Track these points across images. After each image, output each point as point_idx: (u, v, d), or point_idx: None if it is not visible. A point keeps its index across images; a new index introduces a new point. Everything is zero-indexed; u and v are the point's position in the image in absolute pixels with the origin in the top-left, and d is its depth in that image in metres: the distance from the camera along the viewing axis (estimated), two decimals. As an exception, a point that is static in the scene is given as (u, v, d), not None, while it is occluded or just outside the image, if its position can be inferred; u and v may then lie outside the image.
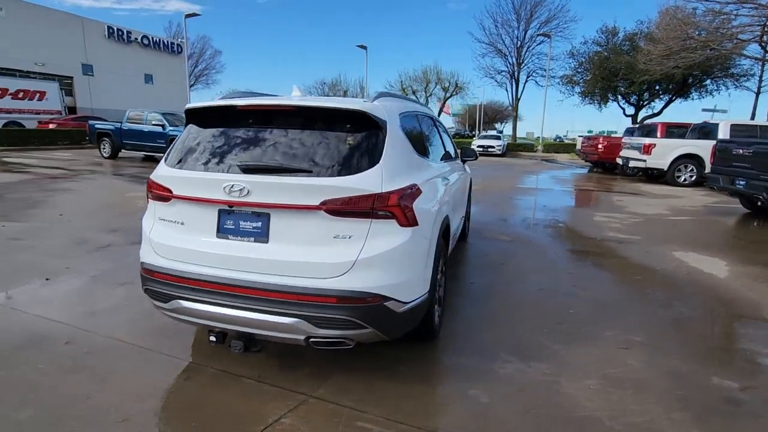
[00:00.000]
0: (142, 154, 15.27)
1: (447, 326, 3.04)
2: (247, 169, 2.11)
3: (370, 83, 51.42)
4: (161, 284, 2.23)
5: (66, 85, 29.55)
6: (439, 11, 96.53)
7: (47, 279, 3.73)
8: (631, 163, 12.95)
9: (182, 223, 2.25)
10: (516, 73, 31.13)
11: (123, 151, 15.25)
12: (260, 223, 2.10)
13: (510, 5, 29.96)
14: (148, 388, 2.26)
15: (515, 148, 29.36)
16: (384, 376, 2.44)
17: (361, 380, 2.40)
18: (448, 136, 4.45)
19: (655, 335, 3.02)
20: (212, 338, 2.25)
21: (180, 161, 2.28)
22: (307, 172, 2.07)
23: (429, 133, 3.25)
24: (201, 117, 2.38)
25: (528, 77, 31.57)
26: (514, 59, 30.86)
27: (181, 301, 2.18)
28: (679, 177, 11.99)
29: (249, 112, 2.28)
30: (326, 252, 2.03)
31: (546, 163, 21.86)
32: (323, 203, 2.00)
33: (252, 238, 2.11)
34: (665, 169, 12.00)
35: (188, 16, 26.74)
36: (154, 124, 14.40)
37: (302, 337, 2.06)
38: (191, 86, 45.97)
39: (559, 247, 5.39)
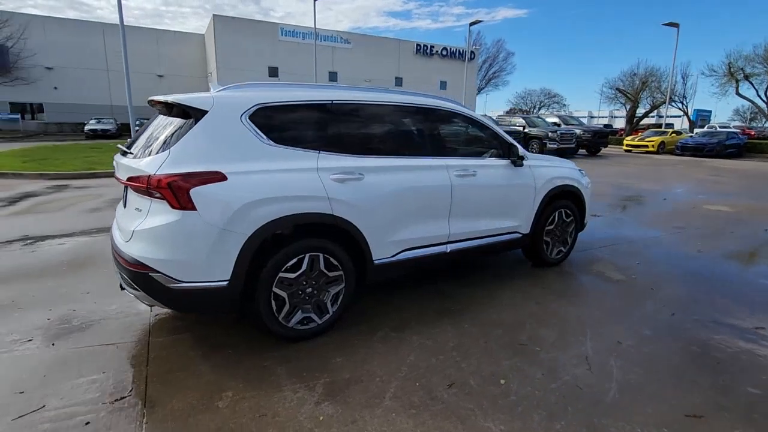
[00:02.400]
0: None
1: (328, 344, 2.78)
2: (122, 152, 2.75)
3: (690, 68, 40.28)
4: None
5: (382, 95, 37.96)
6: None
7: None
8: None
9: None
10: None
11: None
12: (126, 195, 2.72)
13: None
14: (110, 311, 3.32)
15: None
16: (202, 348, 2.62)
17: (180, 338, 2.68)
18: (473, 128, 3.65)
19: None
20: None
21: None
22: (131, 154, 2.52)
23: (340, 125, 2.86)
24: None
25: None
26: None
27: None
28: None
29: (154, 105, 2.89)
30: (131, 221, 2.45)
31: None
32: (128, 179, 2.42)
33: (124, 207, 2.75)
34: None
35: (472, 24, 28.93)
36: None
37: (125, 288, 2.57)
38: (481, 89, 49.47)
39: (687, 308, 3.34)
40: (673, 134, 23.73)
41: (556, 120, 20.47)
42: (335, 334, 2.82)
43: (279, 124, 2.64)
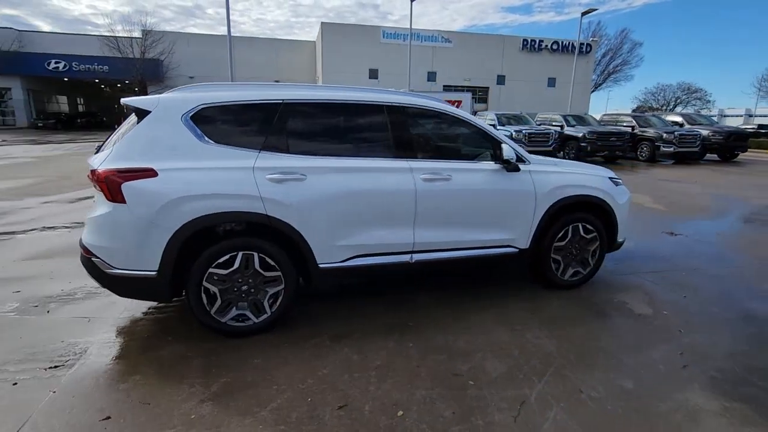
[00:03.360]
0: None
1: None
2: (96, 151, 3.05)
3: None
4: None
5: (481, 93, 36.74)
6: None
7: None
8: None
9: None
10: None
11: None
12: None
13: None
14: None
15: None
16: (152, 331, 2.82)
17: (142, 320, 2.92)
18: (457, 129, 3.34)
19: None
20: None
21: None
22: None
23: (290, 125, 2.82)
24: None
25: None
26: None
27: None
28: None
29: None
30: (90, 211, 2.74)
31: None
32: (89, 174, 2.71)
33: (96, 198, 3.08)
34: None
35: (584, 13, 26.23)
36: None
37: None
38: (598, 86, 44.70)
39: (711, 362, 2.56)
40: None
41: (678, 119, 17.55)
42: (275, 333, 2.81)
43: (222, 124, 2.70)
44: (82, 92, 42.44)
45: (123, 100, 2.71)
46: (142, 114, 2.59)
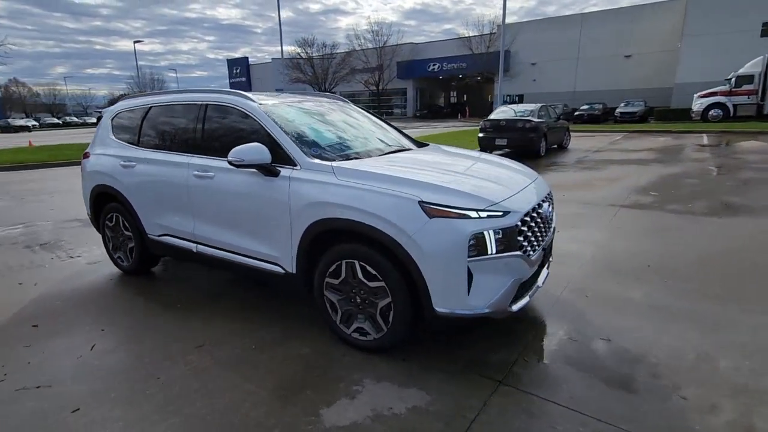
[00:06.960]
0: None
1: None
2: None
3: None
4: None
5: None
6: None
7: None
8: None
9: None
10: None
11: None
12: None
13: None
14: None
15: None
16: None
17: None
18: (247, 126, 2.97)
19: None
20: None
21: None
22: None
23: (146, 124, 3.61)
24: None
25: None
26: None
27: None
28: None
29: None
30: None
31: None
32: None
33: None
34: None
35: None
36: None
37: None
38: None
39: None
40: None
41: None
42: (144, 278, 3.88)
43: (120, 124, 3.86)
44: (452, 86, 51.81)
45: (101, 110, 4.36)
46: (101, 117, 4.16)
